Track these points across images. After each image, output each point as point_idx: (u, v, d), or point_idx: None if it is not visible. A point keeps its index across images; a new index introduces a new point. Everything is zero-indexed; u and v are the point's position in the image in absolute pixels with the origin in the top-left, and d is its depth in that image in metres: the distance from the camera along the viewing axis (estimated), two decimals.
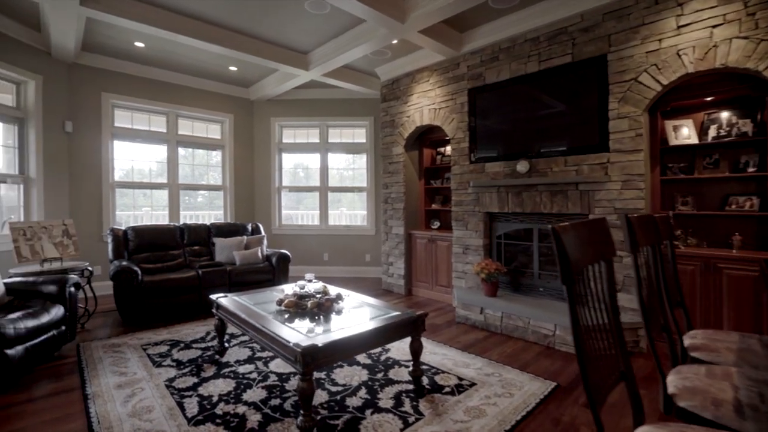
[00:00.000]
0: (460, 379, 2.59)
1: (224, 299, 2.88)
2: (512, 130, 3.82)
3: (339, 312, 2.62)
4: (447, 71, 4.48)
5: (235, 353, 2.99)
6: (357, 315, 2.57)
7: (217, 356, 2.93)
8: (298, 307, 2.56)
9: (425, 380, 2.57)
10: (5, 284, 2.95)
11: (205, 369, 2.72)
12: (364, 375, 2.63)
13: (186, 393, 2.39)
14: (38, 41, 4.34)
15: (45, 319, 2.78)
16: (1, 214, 4.16)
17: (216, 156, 6.18)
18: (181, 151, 5.78)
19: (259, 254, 4.55)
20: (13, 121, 4.29)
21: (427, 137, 5.20)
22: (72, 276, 3.09)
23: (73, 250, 3.70)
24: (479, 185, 4.03)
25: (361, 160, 6.43)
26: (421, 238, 4.95)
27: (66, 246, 3.65)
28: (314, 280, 2.93)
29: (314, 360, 1.95)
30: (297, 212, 6.68)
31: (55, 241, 3.60)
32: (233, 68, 5.37)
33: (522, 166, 3.68)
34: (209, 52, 4.71)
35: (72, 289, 3.04)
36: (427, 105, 4.73)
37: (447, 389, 2.45)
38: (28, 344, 2.64)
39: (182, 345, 3.16)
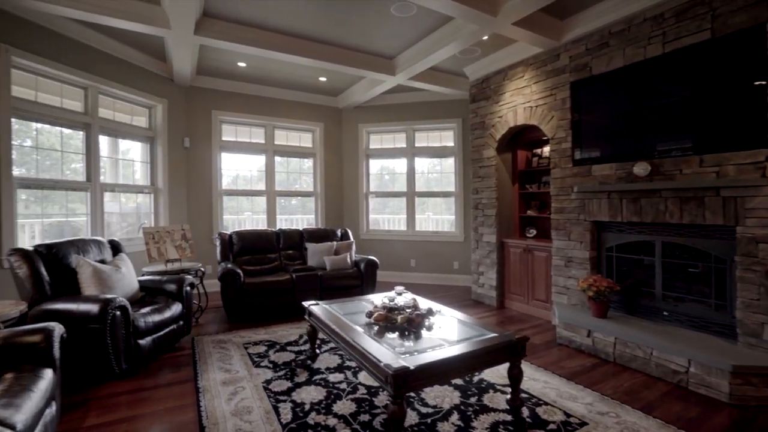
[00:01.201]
0: (567, 415, 2.28)
1: (316, 307, 2.95)
2: (626, 126, 3.31)
3: (429, 328, 2.49)
4: (545, 64, 4.08)
5: (325, 360, 3.05)
6: (449, 334, 2.42)
7: (309, 361, 3.01)
8: (387, 321, 2.50)
9: (525, 411, 2.32)
10: (139, 282, 3.41)
11: (298, 374, 2.81)
12: (455, 397, 2.47)
13: (281, 398, 2.47)
14: (163, 70, 4.99)
15: (168, 314, 3.13)
16: (139, 219, 4.86)
17: (308, 163, 6.50)
18: (277, 159, 6.20)
19: (348, 260, 4.64)
20: (146, 140, 4.99)
21: (522, 138, 4.81)
22: (188, 276, 3.45)
23: (189, 252, 4.15)
24: (585, 190, 3.57)
25: (449, 164, 6.23)
26: (515, 248, 4.59)
27: (184, 248, 4.11)
28: (404, 293, 2.84)
29: (405, 384, 1.85)
30: (383, 216, 6.73)
31: (176, 243, 4.07)
32: (323, 79, 5.59)
33: (640, 168, 3.16)
34: (301, 66, 4.95)
35: (188, 288, 3.40)
36: (521, 103, 4.37)
37: (552, 426, 2.16)
38: (155, 336, 3.00)
39: (278, 347, 3.32)
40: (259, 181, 6.08)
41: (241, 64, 5.01)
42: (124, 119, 4.67)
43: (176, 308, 3.24)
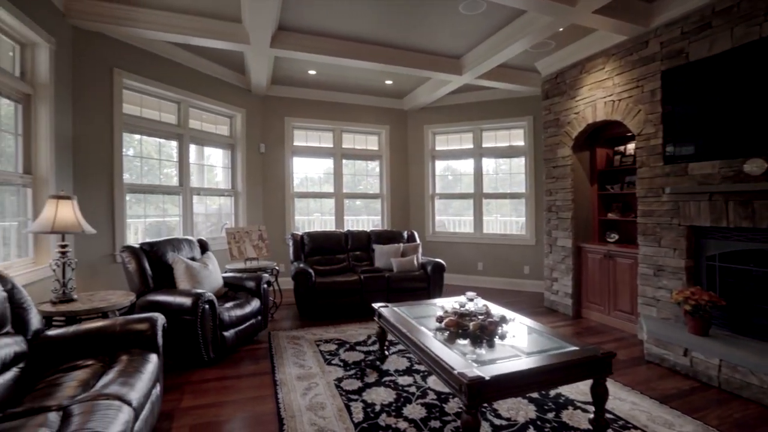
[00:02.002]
0: None
1: (385, 309, 2.98)
2: (734, 118, 2.90)
3: (503, 337, 2.39)
4: (630, 53, 3.74)
5: (394, 362, 3.07)
6: (525, 344, 2.31)
7: (377, 362, 3.05)
8: (458, 327, 2.44)
9: None
10: (223, 278, 3.70)
11: (368, 374, 2.85)
12: (531, 411, 2.34)
13: (352, 396, 2.53)
14: (242, 82, 5.38)
15: (248, 309, 3.36)
16: (220, 220, 5.30)
17: (373, 165, 6.62)
18: (344, 162, 6.38)
19: (415, 262, 4.63)
20: (227, 147, 5.42)
21: (602, 135, 4.45)
22: (265, 275, 3.69)
23: (266, 252, 4.43)
24: (680, 191, 3.20)
25: (518, 164, 5.96)
26: (593, 253, 4.26)
27: (261, 248, 4.40)
28: (475, 299, 2.77)
29: (480, 394, 1.79)
30: (447, 218, 6.63)
31: (254, 243, 4.37)
32: (389, 82, 5.64)
33: (753, 166, 2.75)
34: (368, 70, 5.04)
35: (265, 285, 3.62)
36: (601, 97, 4.04)
37: None
38: (237, 329, 3.24)
39: (347, 346, 3.41)
40: (325, 183, 6.31)
41: (312, 72, 5.24)
42: (209, 128, 5.12)
43: (255, 304, 3.47)
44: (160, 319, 2.33)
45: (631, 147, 4.24)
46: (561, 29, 3.83)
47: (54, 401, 1.69)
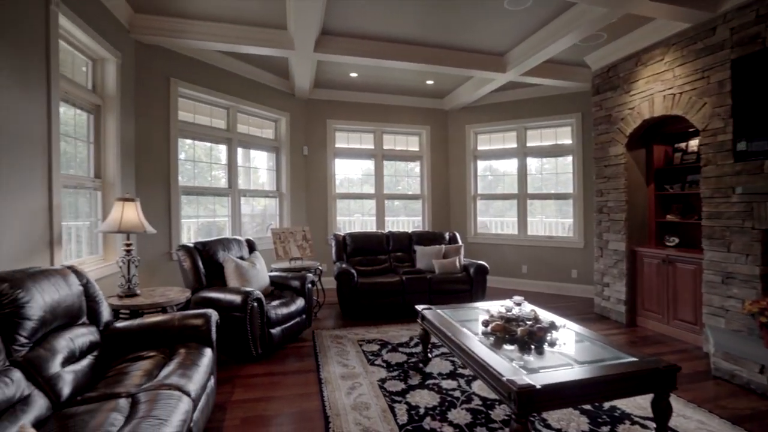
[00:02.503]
0: None
1: (429, 311, 2.95)
2: None
3: (552, 344, 2.30)
4: (693, 42, 3.46)
5: (437, 365, 3.03)
6: (577, 352, 2.20)
7: (420, 365, 3.03)
8: (505, 332, 2.37)
9: None
10: (270, 277, 3.83)
11: (411, 376, 2.84)
12: (583, 423, 2.23)
13: (396, 398, 2.53)
14: (286, 86, 5.55)
15: (293, 308, 3.46)
16: (264, 220, 5.49)
17: (413, 166, 6.59)
18: (385, 162, 6.40)
19: (457, 264, 4.56)
20: (272, 150, 5.61)
21: (659, 131, 4.16)
22: (309, 275, 3.77)
23: (309, 252, 4.54)
24: (754, 191, 2.92)
25: (564, 164, 5.71)
26: (650, 258, 3.99)
27: (305, 248, 4.51)
28: (523, 304, 2.68)
29: (530, 403, 1.72)
30: (490, 219, 6.47)
31: (298, 243, 4.49)
32: (430, 82, 5.60)
33: None
34: (408, 71, 5.03)
35: (309, 285, 3.71)
36: (659, 91, 3.77)
37: None
38: (283, 326, 3.34)
39: (390, 347, 3.42)
40: (364, 184, 6.37)
41: (353, 75, 5.31)
42: (255, 132, 5.32)
43: (300, 303, 3.56)
44: (214, 315, 2.45)
45: (693, 144, 3.94)
46: (614, 20, 3.63)
47: (123, 388, 1.82)
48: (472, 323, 2.69)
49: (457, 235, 5.23)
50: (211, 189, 4.73)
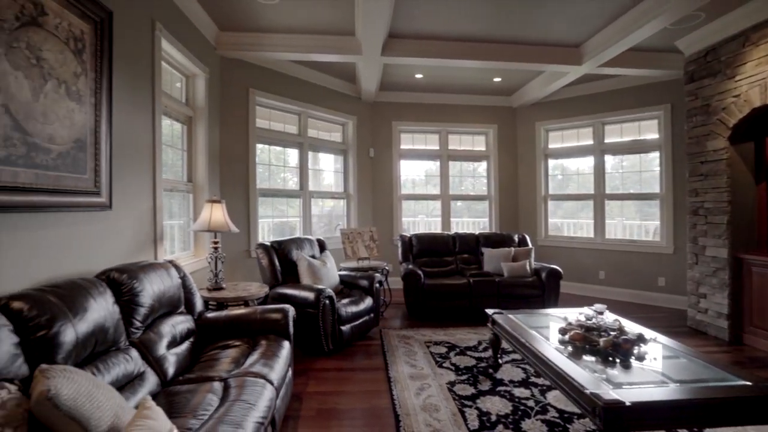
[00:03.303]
0: None
1: (499, 316, 2.87)
2: None
3: (641, 358, 2.11)
4: None
5: (508, 371, 2.93)
6: (670, 370, 2.00)
7: (490, 370, 2.95)
8: (585, 342, 2.23)
9: None
10: (339, 276, 3.98)
11: (481, 381, 2.78)
12: None
13: (466, 402, 2.49)
14: (353, 90, 5.71)
15: (362, 306, 3.55)
16: (330, 221, 5.70)
17: (476, 166, 6.43)
18: (450, 163, 6.32)
19: (528, 267, 4.37)
20: (339, 153, 5.81)
21: None
22: (377, 275, 3.85)
23: (376, 252, 4.63)
24: None
25: (649, 161, 5.21)
26: (760, 267, 3.49)
27: (372, 248, 4.61)
28: (605, 312, 2.49)
29: (619, 420, 1.60)
30: (560, 221, 6.11)
31: (365, 243, 4.60)
32: (497, 79, 5.43)
33: None
34: (475, 69, 4.92)
35: (377, 285, 3.79)
36: None
37: None
38: (353, 324, 3.44)
39: (458, 350, 3.37)
40: (426, 185, 6.34)
41: (418, 76, 5.32)
42: (324, 136, 5.55)
43: (368, 302, 3.64)
44: (291, 310, 2.60)
45: None
46: None
47: (215, 373, 2.00)
48: (547, 330, 2.57)
49: (527, 237, 5.00)
50: (284, 191, 5.02)
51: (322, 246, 4.17)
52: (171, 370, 1.98)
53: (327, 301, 3.13)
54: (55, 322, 1.42)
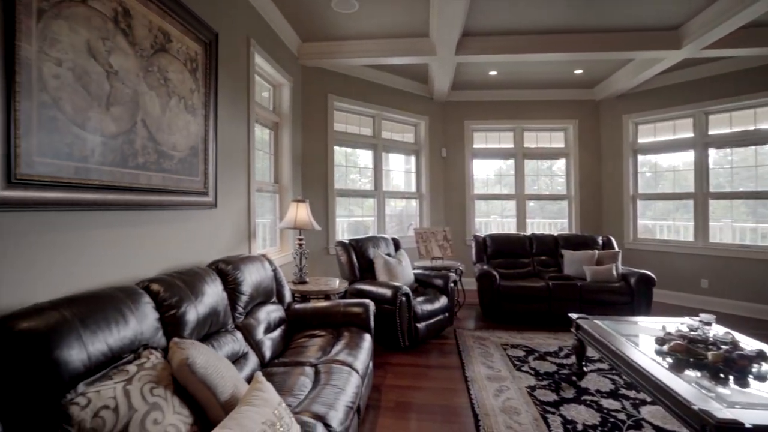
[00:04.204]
0: None
1: (585, 321, 2.72)
2: None
3: (762, 378, 1.87)
4: None
5: (593, 381, 2.76)
6: None
7: (574, 378, 2.80)
8: (689, 354, 2.03)
9: None
10: (414, 275, 4.04)
11: (563, 388, 2.65)
12: None
13: (548, 408, 2.40)
14: (425, 91, 5.74)
15: (437, 305, 3.58)
16: (401, 221, 5.79)
17: (555, 164, 6.10)
18: (526, 161, 6.08)
19: (614, 272, 4.05)
20: (412, 153, 5.89)
21: None
22: (452, 274, 3.85)
23: (450, 252, 4.62)
24: None
25: (766, 153, 4.54)
26: None
27: (445, 248, 4.61)
28: (713, 324, 2.25)
29: None
30: (652, 222, 5.55)
31: (439, 243, 4.62)
32: (578, 71, 5.11)
33: None
34: (553, 63, 4.69)
35: (452, 284, 3.78)
36: None
37: None
38: (428, 322, 3.49)
39: (536, 354, 3.25)
40: (497, 184, 6.14)
41: (492, 73, 5.20)
42: (397, 137, 5.66)
43: (443, 301, 3.66)
44: (372, 305, 2.72)
45: None
46: None
47: (305, 358, 2.17)
48: (641, 339, 2.38)
49: (612, 239, 4.64)
50: (360, 191, 5.22)
51: (397, 245, 4.27)
52: (268, 353, 2.19)
53: (404, 298, 3.21)
54: (183, 303, 1.66)
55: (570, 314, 2.87)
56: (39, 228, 1.41)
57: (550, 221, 6.22)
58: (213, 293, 1.92)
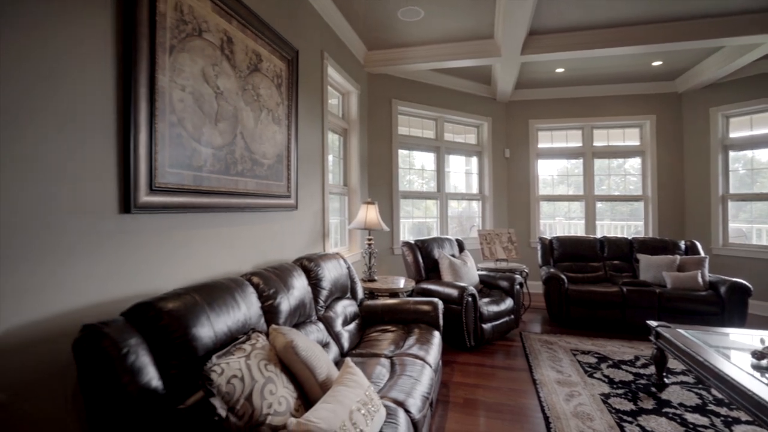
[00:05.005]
0: None
1: (666, 330, 2.58)
2: None
3: None
4: None
5: (676, 394, 2.61)
6: None
7: (653, 389, 2.67)
8: None
9: None
10: (479, 276, 4.06)
11: (641, 399, 2.55)
12: None
13: (625, 417, 2.33)
14: (487, 92, 5.70)
15: (503, 307, 3.58)
16: (461, 222, 5.79)
17: (633, 163, 5.73)
18: (595, 161, 5.79)
19: (700, 279, 3.75)
20: (474, 154, 5.87)
21: None
22: (517, 276, 3.82)
23: (515, 254, 4.56)
24: None
25: None
26: None
27: (510, 250, 4.56)
28: None
29: None
30: (746, 226, 5.01)
31: (503, 245, 4.58)
32: (657, 63, 4.78)
33: None
34: (627, 56, 4.44)
35: (518, 286, 3.75)
36: None
37: None
38: (493, 323, 3.50)
39: (610, 362, 3.13)
40: (560, 185, 5.89)
41: (559, 70, 5.03)
42: (459, 139, 5.68)
43: (508, 303, 3.64)
44: (440, 304, 2.81)
45: None
46: None
47: (380, 351, 2.32)
48: (732, 351, 2.22)
49: (698, 244, 4.28)
50: (424, 193, 5.32)
51: (461, 246, 4.31)
52: (346, 344, 2.37)
53: (470, 299, 3.26)
54: (278, 295, 1.89)
55: (649, 322, 2.73)
56: (168, 227, 1.70)
57: (622, 224, 5.87)
58: (300, 287, 2.14)
